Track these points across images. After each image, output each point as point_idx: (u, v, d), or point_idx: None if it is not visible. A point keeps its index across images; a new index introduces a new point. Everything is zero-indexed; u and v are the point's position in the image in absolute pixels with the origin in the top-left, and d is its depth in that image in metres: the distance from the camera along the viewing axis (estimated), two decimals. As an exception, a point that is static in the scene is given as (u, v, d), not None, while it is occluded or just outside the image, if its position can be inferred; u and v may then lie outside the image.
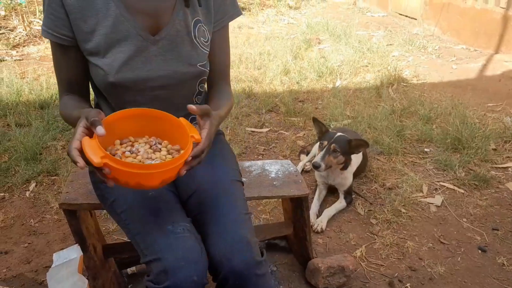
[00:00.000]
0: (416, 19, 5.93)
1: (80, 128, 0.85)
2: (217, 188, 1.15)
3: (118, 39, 1.05)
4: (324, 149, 2.04)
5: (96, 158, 0.79)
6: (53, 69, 1.16)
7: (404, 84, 3.84)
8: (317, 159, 2.03)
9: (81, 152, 0.82)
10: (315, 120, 2.20)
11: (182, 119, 0.96)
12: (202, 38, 1.14)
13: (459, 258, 1.85)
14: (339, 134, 2.09)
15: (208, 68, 1.18)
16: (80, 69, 1.12)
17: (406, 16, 6.22)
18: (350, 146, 2.06)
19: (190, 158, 0.89)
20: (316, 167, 2.01)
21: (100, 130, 0.82)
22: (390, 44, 5.00)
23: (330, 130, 2.19)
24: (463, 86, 3.83)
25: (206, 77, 1.20)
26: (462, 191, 2.31)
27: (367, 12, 7.02)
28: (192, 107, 0.92)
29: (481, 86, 3.81)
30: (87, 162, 0.81)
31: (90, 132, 0.86)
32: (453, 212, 2.15)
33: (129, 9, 1.05)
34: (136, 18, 1.06)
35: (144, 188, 0.89)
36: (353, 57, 4.44)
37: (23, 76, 4.00)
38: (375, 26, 5.91)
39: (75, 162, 0.81)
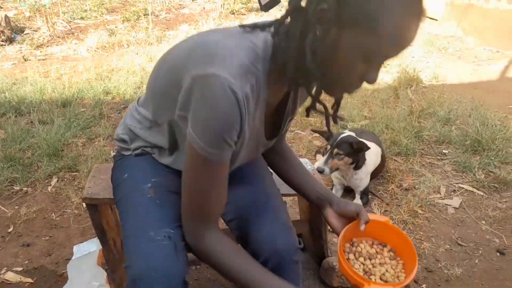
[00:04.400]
0: (437, 20, 5.85)
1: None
2: (255, 177, 1.20)
3: (247, 145, 0.97)
4: (327, 153, 2.06)
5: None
6: (75, 68, 1.15)
7: (423, 85, 3.79)
8: (320, 163, 2.05)
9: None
10: (314, 131, 2.35)
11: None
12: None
13: (476, 261, 1.82)
14: (342, 136, 2.08)
15: None
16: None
17: (427, 17, 6.14)
18: (353, 147, 2.05)
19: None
20: (320, 172, 2.02)
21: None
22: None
23: (334, 133, 2.19)
24: (484, 87, 3.76)
25: None
26: (481, 193, 2.27)
27: (386, 13, 6.95)
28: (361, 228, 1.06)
29: (503, 88, 3.74)
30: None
31: None
32: (472, 214, 2.11)
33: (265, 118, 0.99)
34: (265, 127, 1.02)
35: None
36: (371, 58, 4.40)
37: (47, 75, 4.12)
38: (394, 27, 5.85)
39: None
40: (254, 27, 0.88)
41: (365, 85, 0.84)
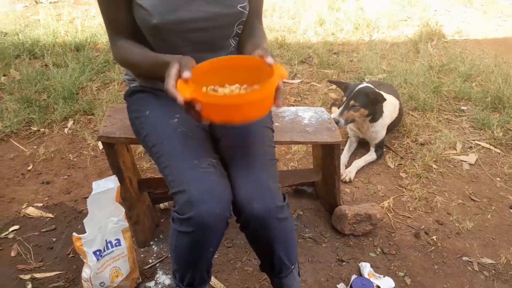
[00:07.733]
0: (463, -29, 5.53)
1: (174, 70, 0.91)
2: (248, 133, 1.16)
3: None
4: (343, 105, 2.02)
5: (186, 93, 0.86)
6: (87, 12, 1.16)
7: (445, 40, 3.66)
8: (335, 115, 2.03)
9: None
10: (330, 81, 2.39)
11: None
12: None
13: (489, 216, 1.83)
14: (359, 87, 2.04)
15: (248, 9, 1.16)
16: (130, 9, 1.09)
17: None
18: (369, 98, 2.01)
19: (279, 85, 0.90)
20: (335, 123, 1.99)
21: (186, 74, 0.89)
22: (433, -2, 4.72)
23: (351, 83, 2.14)
24: (509, 44, 3.61)
25: (244, 19, 1.17)
26: (498, 150, 2.24)
27: (411, -37, 6.59)
28: (267, 60, 0.91)
29: (528, 45, 3.59)
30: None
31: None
32: (487, 171, 2.10)
33: None
34: None
35: (235, 122, 0.89)
36: (392, 10, 4.23)
37: (59, 19, 4.03)
38: (418, -22, 5.56)
39: (175, 98, 0.87)
40: None
41: (383, 37, 0.80)
